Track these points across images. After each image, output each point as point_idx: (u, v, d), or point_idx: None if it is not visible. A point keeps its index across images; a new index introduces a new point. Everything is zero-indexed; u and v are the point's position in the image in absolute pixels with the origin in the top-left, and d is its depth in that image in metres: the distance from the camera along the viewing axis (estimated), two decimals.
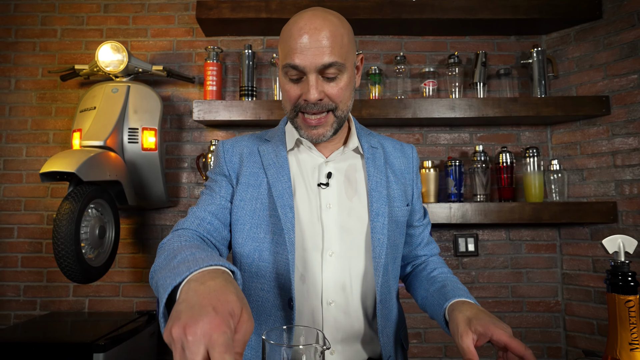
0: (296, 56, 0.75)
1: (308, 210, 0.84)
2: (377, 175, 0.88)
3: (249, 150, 0.91)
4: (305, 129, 0.82)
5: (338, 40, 0.76)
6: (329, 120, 0.81)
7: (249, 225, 0.85)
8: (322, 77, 0.77)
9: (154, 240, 1.91)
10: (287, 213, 0.81)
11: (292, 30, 0.77)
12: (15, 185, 1.93)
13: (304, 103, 0.79)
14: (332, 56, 0.75)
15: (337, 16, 0.80)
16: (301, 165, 0.89)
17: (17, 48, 1.99)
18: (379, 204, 0.85)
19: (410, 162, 0.96)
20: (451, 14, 1.83)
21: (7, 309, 1.88)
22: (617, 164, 1.76)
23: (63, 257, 1.35)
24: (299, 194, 0.86)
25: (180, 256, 0.61)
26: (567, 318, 1.85)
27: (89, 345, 1.34)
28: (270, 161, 0.87)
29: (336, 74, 0.77)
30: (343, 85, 0.79)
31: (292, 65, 0.76)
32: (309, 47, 0.74)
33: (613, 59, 1.78)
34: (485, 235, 1.92)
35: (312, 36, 0.74)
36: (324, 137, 0.82)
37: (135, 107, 1.73)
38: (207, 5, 1.81)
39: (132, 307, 1.88)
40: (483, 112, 1.78)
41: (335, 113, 0.81)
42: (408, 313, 1.88)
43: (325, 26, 0.75)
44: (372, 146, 0.92)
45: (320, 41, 0.74)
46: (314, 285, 0.82)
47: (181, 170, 1.95)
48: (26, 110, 1.97)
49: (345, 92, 0.80)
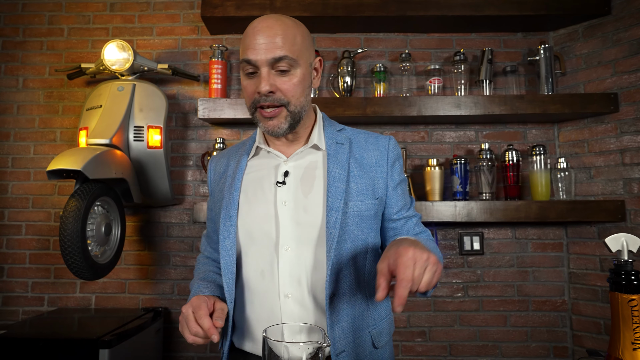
0: (250, 52, 0.82)
1: (264, 208, 0.89)
2: (337, 170, 0.89)
3: (225, 163, 1.01)
4: (263, 121, 0.87)
5: (290, 38, 0.83)
6: (282, 114, 0.85)
7: (220, 237, 0.93)
8: (274, 71, 0.83)
9: (160, 238, 1.93)
10: (226, 222, 0.90)
11: (247, 31, 0.85)
12: (23, 182, 1.95)
13: (258, 96, 0.84)
14: (283, 50, 0.81)
15: (292, 19, 0.87)
16: (261, 169, 0.94)
17: (24, 47, 2.01)
18: (335, 199, 0.86)
19: (384, 155, 0.94)
20: (456, 11, 1.81)
21: (15, 304, 1.90)
22: (625, 162, 1.74)
23: (70, 254, 1.36)
24: (255, 196, 0.91)
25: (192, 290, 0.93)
26: (573, 317, 1.83)
27: (96, 341, 1.36)
28: (231, 171, 0.97)
29: (288, 67, 0.83)
30: (296, 81, 0.84)
31: (246, 60, 0.83)
32: (261, 42, 0.81)
33: (622, 56, 1.76)
34: (491, 234, 1.90)
35: (264, 33, 0.82)
36: (279, 128, 0.86)
37: (141, 105, 1.74)
38: (212, 3, 1.82)
39: (137, 303, 1.90)
40: (489, 109, 1.77)
41: (288, 108, 0.85)
42: (411, 311, 1.87)
43: (277, 25, 0.83)
44: (337, 142, 0.94)
45: (273, 37, 0.81)
46: (272, 280, 0.86)
47: (186, 168, 1.96)
48: (34, 109, 1.99)
49: (297, 88, 0.85)
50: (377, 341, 0.90)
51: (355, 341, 0.86)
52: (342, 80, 1.86)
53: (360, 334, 0.87)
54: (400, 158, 0.98)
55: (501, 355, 1.85)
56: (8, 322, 1.88)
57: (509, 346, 1.85)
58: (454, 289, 1.89)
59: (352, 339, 0.86)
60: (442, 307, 1.88)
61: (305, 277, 0.85)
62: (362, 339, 0.88)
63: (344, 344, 0.84)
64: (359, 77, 1.97)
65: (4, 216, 1.94)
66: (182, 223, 1.94)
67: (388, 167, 0.94)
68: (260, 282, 0.88)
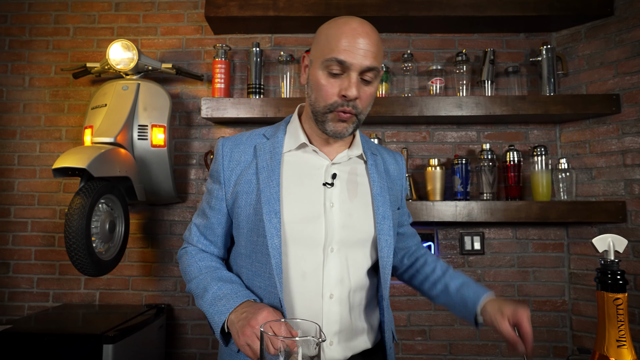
0: (346, 53, 0.80)
1: (311, 209, 0.87)
2: (380, 181, 0.95)
3: (247, 153, 0.94)
4: (334, 122, 0.85)
5: (380, 49, 0.84)
6: (352, 119, 0.86)
7: (246, 230, 0.90)
8: (361, 78, 0.83)
9: (163, 235, 1.95)
10: (272, 219, 0.85)
11: (343, 29, 0.82)
12: (29, 180, 1.98)
13: (341, 100, 0.83)
14: (376, 61, 0.82)
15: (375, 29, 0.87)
16: (303, 167, 0.91)
17: (31, 46, 2.03)
18: (385, 208, 0.92)
19: (401, 170, 1.06)
20: (459, 11, 1.82)
21: (21, 300, 1.93)
22: (626, 163, 1.74)
23: (74, 251, 1.39)
24: (297, 194, 0.88)
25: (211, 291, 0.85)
26: (573, 318, 1.84)
27: (99, 336, 1.38)
28: (265, 163, 0.90)
29: (372, 78, 0.84)
30: (372, 92, 0.86)
31: (338, 60, 0.80)
32: (359, 47, 0.80)
33: (624, 57, 1.76)
34: (492, 234, 1.91)
35: (364, 39, 0.81)
36: (347, 131, 0.87)
37: (145, 104, 1.76)
38: (216, 3, 1.83)
39: (141, 300, 1.92)
40: (491, 110, 1.77)
41: (359, 117, 0.87)
42: (412, 310, 1.89)
43: (373, 33, 0.83)
44: (372, 153, 0.99)
45: (369, 45, 0.81)
46: (315, 281, 0.86)
47: (189, 166, 1.98)
48: (39, 107, 2.01)
49: (371, 99, 0.87)
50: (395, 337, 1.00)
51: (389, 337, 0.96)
52: None
53: (388, 333, 0.96)
54: None
55: (501, 355, 1.85)
56: (14, 317, 1.91)
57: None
58: None
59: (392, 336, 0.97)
60: (442, 307, 1.88)
61: (348, 278, 0.89)
62: (389, 337, 0.96)
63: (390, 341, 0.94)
64: None
65: (10, 213, 1.97)
66: (185, 221, 1.96)
67: (403, 180, 1.06)
68: (301, 282, 0.86)
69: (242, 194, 0.90)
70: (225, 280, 0.87)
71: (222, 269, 0.93)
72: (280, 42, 2.02)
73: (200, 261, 0.93)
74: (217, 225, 0.95)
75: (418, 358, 1.87)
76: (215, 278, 0.88)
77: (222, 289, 0.84)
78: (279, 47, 2.01)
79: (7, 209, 1.97)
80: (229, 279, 0.88)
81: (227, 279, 0.88)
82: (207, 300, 0.83)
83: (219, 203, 0.94)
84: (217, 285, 0.85)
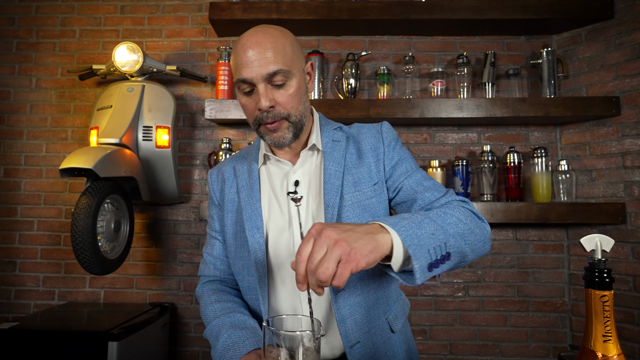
0: (243, 70, 0.81)
1: (280, 220, 0.89)
2: (333, 167, 0.89)
3: (228, 173, 0.99)
4: (267, 134, 0.87)
5: (280, 49, 0.82)
6: (284, 125, 0.86)
7: (234, 247, 0.93)
8: (270, 85, 0.83)
9: (167, 235, 1.97)
10: (255, 234, 0.88)
11: (236, 49, 0.83)
12: (35, 180, 2.01)
13: (260, 113, 0.84)
14: (276, 64, 0.81)
15: (278, 29, 0.86)
16: (272, 179, 0.94)
17: (38, 48, 2.07)
18: (330, 195, 0.87)
19: (378, 138, 0.94)
20: (460, 14, 1.83)
21: (27, 298, 1.96)
22: (626, 165, 1.75)
23: (80, 249, 1.41)
24: (275, 209, 0.91)
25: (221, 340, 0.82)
26: (573, 318, 1.85)
27: (104, 334, 1.40)
28: (244, 182, 0.95)
29: (283, 80, 0.83)
30: (292, 92, 0.84)
31: (241, 80, 0.83)
32: (252, 59, 0.80)
33: (624, 59, 1.77)
34: (492, 235, 1.92)
35: (254, 49, 0.81)
36: (284, 139, 0.87)
37: (150, 105, 1.78)
38: (220, 6, 1.86)
39: (145, 298, 1.95)
40: (491, 112, 1.79)
41: (289, 119, 0.86)
42: (413, 310, 1.90)
43: (266, 39, 0.82)
44: (333, 140, 0.94)
45: (264, 53, 0.80)
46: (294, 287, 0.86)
47: (193, 167, 2.01)
48: (46, 108, 2.04)
49: (295, 99, 0.85)
50: (394, 325, 0.90)
51: (371, 330, 0.87)
52: (346, 82, 1.90)
53: (377, 322, 0.88)
54: (397, 139, 0.96)
55: (501, 355, 1.87)
56: (20, 314, 1.94)
57: (509, 346, 1.87)
58: (454, 288, 1.91)
59: (368, 329, 0.86)
60: (443, 307, 1.90)
61: None
62: (379, 327, 0.88)
63: (357, 335, 0.84)
64: (363, 79, 2.00)
65: (16, 212, 2.00)
66: (189, 221, 1.98)
67: (385, 147, 0.93)
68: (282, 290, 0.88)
69: (228, 212, 0.95)
70: (235, 326, 0.84)
71: (237, 311, 0.89)
72: None
73: (216, 303, 0.92)
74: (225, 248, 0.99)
75: None
76: (226, 325, 0.85)
77: (231, 337, 0.81)
78: None
79: (13, 208, 2.00)
80: (240, 324, 0.85)
81: (238, 325, 0.85)
82: (218, 352, 0.82)
83: (221, 223, 0.99)
84: (227, 334, 0.83)
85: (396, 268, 0.65)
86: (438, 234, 0.68)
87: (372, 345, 0.86)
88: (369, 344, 0.86)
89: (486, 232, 0.80)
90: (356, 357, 0.84)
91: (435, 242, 0.67)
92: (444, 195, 0.86)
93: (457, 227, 0.72)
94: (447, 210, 0.76)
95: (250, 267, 0.89)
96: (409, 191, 0.88)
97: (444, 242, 0.68)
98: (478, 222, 0.79)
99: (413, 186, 0.88)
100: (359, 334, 0.85)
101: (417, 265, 0.62)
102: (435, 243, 0.66)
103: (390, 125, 0.97)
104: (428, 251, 0.65)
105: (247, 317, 0.88)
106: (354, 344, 0.84)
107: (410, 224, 0.66)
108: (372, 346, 0.86)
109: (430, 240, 0.66)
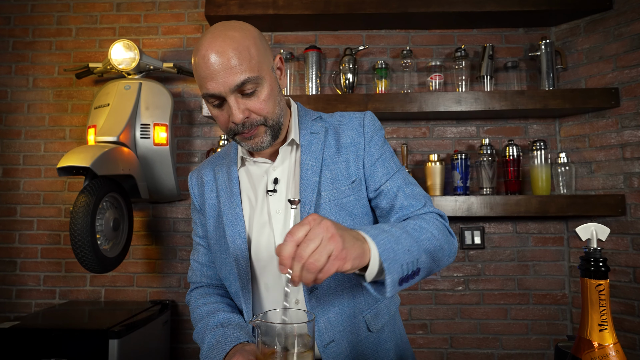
0: (209, 83, 0.74)
1: (259, 222, 0.86)
2: (310, 162, 0.85)
3: (208, 177, 0.95)
4: (244, 141, 0.83)
5: (245, 54, 0.74)
6: (261, 130, 0.81)
7: (219, 253, 0.90)
8: (241, 95, 0.76)
9: (166, 233, 1.97)
10: (236, 240, 0.85)
11: (197, 60, 0.75)
12: (34, 179, 2.01)
13: (234, 126, 0.78)
14: (243, 73, 0.74)
15: (237, 29, 0.77)
16: (252, 179, 0.90)
17: (34, 47, 2.06)
18: (307, 192, 0.83)
19: (360, 132, 0.88)
20: (458, 7, 1.82)
21: (28, 297, 1.97)
22: (626, 156, 1.74)
23: (80, 248, 1.41)
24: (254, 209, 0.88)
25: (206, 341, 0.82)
26: (574, 311, 1.85)
27: (105, 331, 1.41)
28: (223, 185, 0.90)
29: (254, 87, 0.76)
30: (265, 97, 0.78)
31: (209, 94, 0.76)
32: (217, 71, 0.73)
33: (623, 51, 1.76)
34: (492, 228, 1.92)
35: (217, 59, 0.73)
36: (262, 143, 0.82)
37: (147, 103, 1.78)
38: (216, 2, 1.85)
39: (145, 296, 1.95)
40: (490, 105, 1.78)
41: (266, 124, 0.80)
42: (413, 304, 1.91)
43: (226, 45, 0.73)
44: (311, 132, 0.89)
45: (227, 62, 0.73)
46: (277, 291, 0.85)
47: (192, 164, 2.01)
48: (43, 108, 2.04)
49: (269, 103, 0.79)
50: (372, 324, 0.87)
51: (346, 329, 0.84)
52: (343, 77, 1.89)
53: (353, 320, 0.85)
54: (380, 131, 0.90)
55: (502, 348, 1.87)
56: (21, 314, 1.94)
57: (510, 339, 1.87)
58: (455, 282, 1.91)
59: (342, 328, 0.83)
60: (443, 300, 1.91)
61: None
62: (356, 325, 0.85)
63: (332, 334, 0.82)
64: (361, 74, 1.99)
65: (16, 212, 2.00)
66: (188, 218, 1.98)
67: (365, 143, 0.88)
68: (266, 295, 0.87)
69: (209, 218, 0.92)
70: (219, 325, 0.83)
71: (221, 310, 0.88)
72: (280, 40, 2.04)
73: (202, 306, 0.91)
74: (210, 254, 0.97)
75: (419, 351, 1.89)
76: (210, 325, 0.84)
77: (215, 337, 0.81)
78: (279, 45, 2.03)
79: (13, 208, 2.00)
80: (223, 323, 0.84)
81: (222, 323, 0.84)
82: (204, 353, 0.81)
83: (204, 229, 0.96)
84: (210, 334, 0.82)
85: (369, 279, 0.65)
86: (413, 249, 0.69)
87: (347, 345, 0.83)
88: (344, 343, 0.83)
89: (454, 247, 0.82)
90: (331, 357, 0.82)
91: (410, 258, 0.68)
92: (423, 206, 0.85)
93: (430, 242, 0.74)
94: (423, 225, 0.76)
95: (235, 273, 0.87)
96: (389, 196, 0.86)
97: (417, 258, 0.70)
98: (448, 238, 0.81)
99: (394, 190, 0.86)
100: (333, 333, 0.82)
101: (390, 280, 0.63)
102: (409, 259, 0.68)
103: (373, 116, 0.91)
104: (401, 266, 0.66)
105: (232, 314, 0.87)
106: (327, 343, 0.81)
107: (389, 238, 0.67)
108: (348, 345, 0.83)
109: (405, 256, 0.67)
